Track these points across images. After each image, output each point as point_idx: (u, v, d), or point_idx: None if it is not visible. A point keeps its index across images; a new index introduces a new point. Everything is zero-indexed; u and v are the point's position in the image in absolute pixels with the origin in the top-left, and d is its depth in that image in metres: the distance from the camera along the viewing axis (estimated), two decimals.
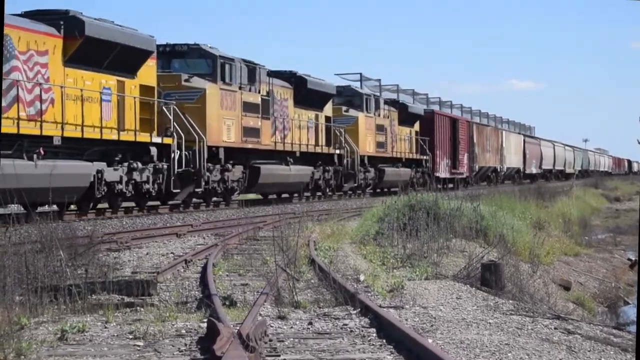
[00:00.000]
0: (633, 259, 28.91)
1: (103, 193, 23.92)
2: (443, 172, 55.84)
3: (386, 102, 49.13)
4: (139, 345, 8.38)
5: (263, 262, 14.85)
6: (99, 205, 25.63)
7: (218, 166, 30.20)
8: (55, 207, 20.90)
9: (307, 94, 37.65)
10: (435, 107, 70.50)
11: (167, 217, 25.82)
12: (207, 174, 29.12)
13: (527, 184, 60.15)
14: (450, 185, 51.89)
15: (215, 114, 29.81)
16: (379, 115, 46.20)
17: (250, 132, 32.07)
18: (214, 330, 8.13)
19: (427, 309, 10.78)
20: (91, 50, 23.28)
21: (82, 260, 12.97)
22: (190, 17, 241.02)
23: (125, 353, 8.08)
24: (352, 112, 43.29)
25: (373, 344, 8.46)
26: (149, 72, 26.40)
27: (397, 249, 16.80)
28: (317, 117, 39.35)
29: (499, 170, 71.18)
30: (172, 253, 16.34)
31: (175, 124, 27.19)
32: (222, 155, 30.33)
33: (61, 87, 22.45)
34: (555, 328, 10.43)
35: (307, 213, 24.95)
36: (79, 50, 22.87)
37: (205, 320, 9.16)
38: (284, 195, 37.64)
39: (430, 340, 8.47)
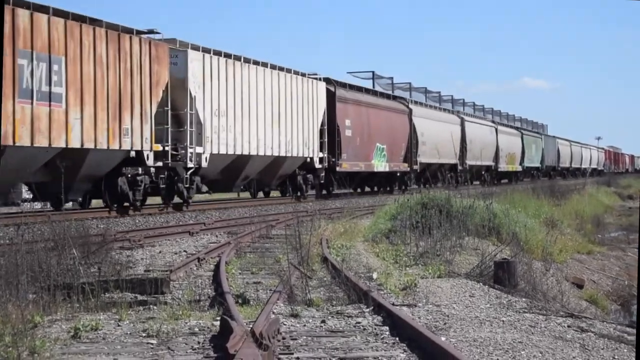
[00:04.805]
0: None
1: None
2: None
3: None
4: (152, 343, 8.39)
5: (276, 260, 14.86)
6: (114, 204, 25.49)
7: None
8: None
9: None
10: (448, 105, 67.87)
11: (179, 216, 25.84)
12: None
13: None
14: None
15: None
16: None
17: None
18: (227, 328, 8.14)
19: (440, 307, 10.77)
20: None
21: (95, 259, 13.02)
22: (191, 16, 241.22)
23: (139, 351, 8.09)
24: None
25: (386, 342, 8.45)
26: None
27: (409, 247, 16.78)
28: None
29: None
30: (185, 251, 16.36)
31: None
32: None
33: None
34: (568, 326, 10.41)
35: (319, 211, 24.97)
36: None
37: (219, 318, 9.16)
38: None
39: (443, 338, 8.46)
